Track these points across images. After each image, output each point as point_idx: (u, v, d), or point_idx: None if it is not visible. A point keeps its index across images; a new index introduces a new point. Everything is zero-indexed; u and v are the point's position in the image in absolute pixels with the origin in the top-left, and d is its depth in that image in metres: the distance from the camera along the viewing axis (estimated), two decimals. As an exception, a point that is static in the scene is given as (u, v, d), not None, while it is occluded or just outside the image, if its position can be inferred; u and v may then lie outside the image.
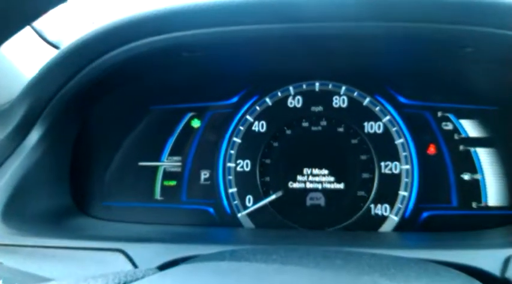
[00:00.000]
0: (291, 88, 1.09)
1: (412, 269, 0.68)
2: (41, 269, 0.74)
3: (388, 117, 1.07)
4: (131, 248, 0.77)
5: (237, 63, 1.04)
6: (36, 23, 1.17)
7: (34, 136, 0.91)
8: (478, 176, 1.04)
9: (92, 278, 0.47)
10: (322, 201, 1.06)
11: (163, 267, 0.71)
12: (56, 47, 1.14)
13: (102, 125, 1.07)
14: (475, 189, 1.04)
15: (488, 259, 0.73)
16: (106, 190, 1.08)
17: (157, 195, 1.10)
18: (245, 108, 1.10)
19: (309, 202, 1.06)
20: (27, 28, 1.12)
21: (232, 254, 0.60)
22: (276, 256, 0.62)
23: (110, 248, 0.76)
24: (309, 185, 1.07)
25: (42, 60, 0.90)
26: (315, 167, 1.07)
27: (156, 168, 1.11)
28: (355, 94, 1.08)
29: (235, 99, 1.10)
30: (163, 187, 1.10)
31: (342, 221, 1.04)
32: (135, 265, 0.75)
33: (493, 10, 0.78)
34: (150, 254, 0.76)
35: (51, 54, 0.90)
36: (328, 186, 1.06)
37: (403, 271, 0.66)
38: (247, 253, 0.61)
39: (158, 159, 1.11)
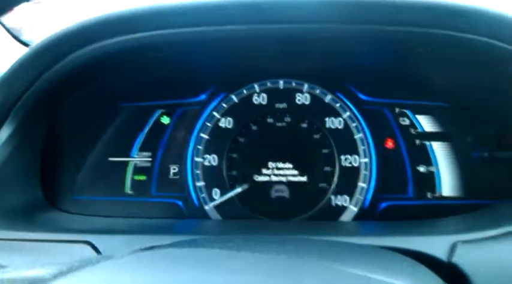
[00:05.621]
0: (256, 86, 1.14)
1: (362, 254, 0.74)
2: (9, 261, 0.77)
3: (348, 113, 1.12)
4: (98, 240, 0.80)
5: (203, 63, 1.07)
6: (8, 21, 1.19)
7: (4, 133, 0.93)
8: (433, 168, 1.10)
9: (47, 264, 0.49)
10: (286, 193, 1.11)
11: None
12: (28, 46, 1.16)
13: (73, 121, 1.09)
14: (430, 181, 1.10)
15: (436, 245, 0.78)
16: (77, 184, 1.11)
17: (128, 189, 1.13)
18: (212, 105, 1.14)
19: (274, 195, 1.11)
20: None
21: (190, 242, 0.64)
22: (232, 244, 0.66)
23: (77, 240, 0.79)
24: (274, 178, 1.11)
25: (13, 58, 0.92)
26: (280, 161, 1.12)
27: (127, 163, 1.14)
28: (318, 91, 1.13)
29: (203, 97, 1.14)
30: (133, 182, 1.13)
31: (305, 212, 1.10)
32: (102, 257, 0.78)
33: (444, 13, 0.83)
34: (116, 245, 0.79)
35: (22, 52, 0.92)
36: (292, 178, 1.11)
37: (354, 256, 0.71)
38: (205, 241, 0.65)
39: (128, 155, 1.14)
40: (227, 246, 0.63)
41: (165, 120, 1.14)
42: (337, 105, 1.13)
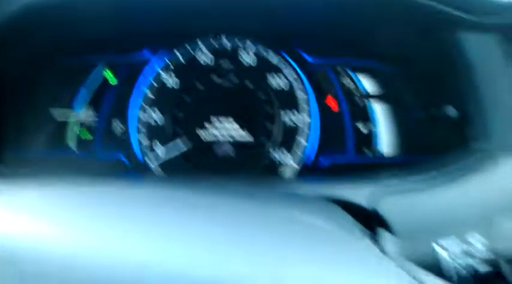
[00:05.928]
0: (200, 43, 1.14)
1: (281, 200, 0.77)
2: None
3: (293, 74, 1.14)
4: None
5: (145, 19, 1.06)
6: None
7: None
8: (373, 127, 1.14)
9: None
10: (231, 151, 1.13)
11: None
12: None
13: (13, 78, 1.07)
14: (370, 139, 1.15)
15: (361, 194, 0.82)
16: (20, 142, 1.10)
17: (73, 147, 1.13)
18: (157, 63, 1.14)
19: (218, 153, 1.13)
20: None
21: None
22: (156, 188, 0.69)
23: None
24: (219, 137, 1.13)
25: None
26: (225, 120, 1.14)
27: (71, 121, 1.14)
28: (264, 52, 1.15)
29: (147, 55, 1.14)
30: (78, 139, 1.13)
31: (249, 169, 1.13)
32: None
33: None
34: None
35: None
36: (237, 137, 1.13)
37: (273, 200, 0.75)
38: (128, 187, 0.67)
39: (72, 112, 1.13)
40: (148, 190, 0.66)
41: (110, 77, 1.14)
42: (283, 65, 1.14)
